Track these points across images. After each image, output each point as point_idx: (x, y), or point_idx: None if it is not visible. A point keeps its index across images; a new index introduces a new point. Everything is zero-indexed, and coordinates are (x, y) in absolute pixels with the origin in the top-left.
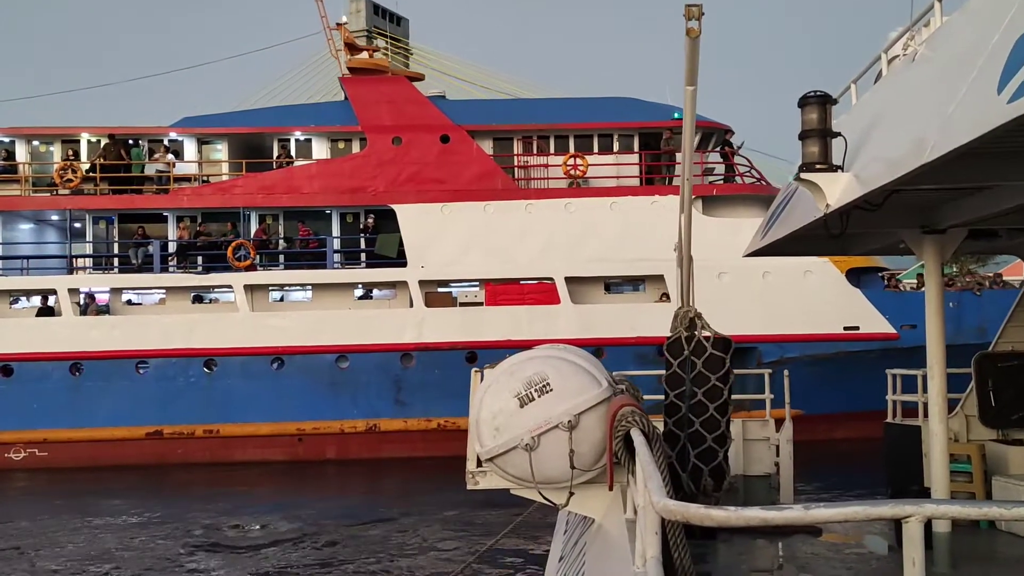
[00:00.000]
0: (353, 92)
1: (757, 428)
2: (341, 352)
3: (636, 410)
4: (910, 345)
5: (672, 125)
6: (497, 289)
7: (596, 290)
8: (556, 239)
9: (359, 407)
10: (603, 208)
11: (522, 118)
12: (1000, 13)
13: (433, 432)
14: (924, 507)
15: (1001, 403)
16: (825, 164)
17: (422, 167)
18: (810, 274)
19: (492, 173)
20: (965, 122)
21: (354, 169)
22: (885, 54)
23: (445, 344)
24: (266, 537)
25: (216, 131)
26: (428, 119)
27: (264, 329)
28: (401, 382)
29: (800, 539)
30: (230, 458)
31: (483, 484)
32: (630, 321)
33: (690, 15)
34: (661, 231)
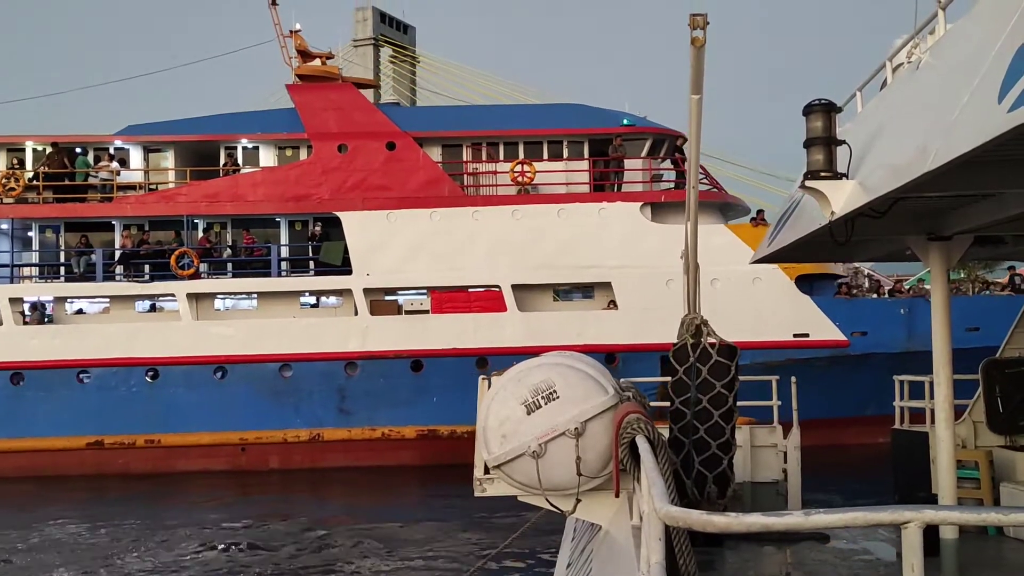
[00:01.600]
0: (299, 99)
1: (764, 435)
2: (284, 361)
3: (641, 417)
4: (860, 352)
5: (621, 131)
6: (443, 297)
7: (545, 297)
8: (503, 246)
9: (302, 416)
10: (550, 215)
11: (471, 125)
12: (1002, 22)
13: (377, 441)
14: (923, 513)
15: (1009, 409)
16: (830, 172)
17: (368, 174)
18: (759, 281)
19: (439, 180)
20: (966, 131)
21: (299, 177)
22: (890, 62)
23: (390, 353)
24: (212, 549)
25: (162, 139)
26: (374, 126)
27: (207, 338)
28: (345, 391)
29: (807, 546)
30: (172, 468)
31: (490, 491)
32: (577, 328)
33: (695, 24)
34: (608, 238)
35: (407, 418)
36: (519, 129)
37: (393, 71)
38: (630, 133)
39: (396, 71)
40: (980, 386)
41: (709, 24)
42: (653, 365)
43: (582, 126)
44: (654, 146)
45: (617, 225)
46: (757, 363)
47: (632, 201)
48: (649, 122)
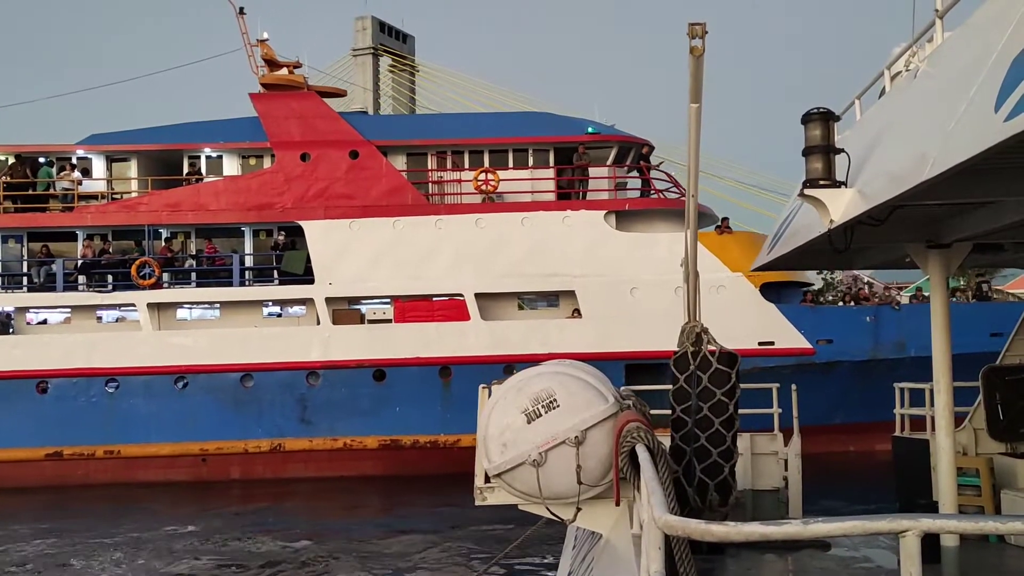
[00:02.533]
0: (262, 108)
1: (765, 442)
2: (246, 370)
3: (642, 425)
4: (826, 360)
5: (586, 139)
6: (406, 306)
7: (510, 306)
8: (466, 255)
9: (264, 426)
10: (514, 223)
11: (436, 133)
12: (999, 31)
13: (339, 451)
14: (921, 521)
15: (1009, 416)
16: (829, 180)
17: (330, 183)
18: (723, 289)
19: (402, 189)
20: (964, 139)
21: (261, 185)
22: (888, 70)
23: (352, 362)
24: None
25: (125, 148)
26: (337, 135)
27: (168, 348)
28: (306, 401)
29: (809, 553)
30: (132, 479)
31: (491, 500)
32: (541, 337)
33: (693, 33)
34: (572, 247)
35: (369, 428)
36: (484, 137)
37: (392, 80)
38: (595, 141)
39: (395, 80)
40: (980, 393)
41: (708, 33)
42: (618, 374)
43: (547, 134)
44: (620, 154)
45: (581, 233)
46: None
47: (596, 209)
48: (615, 130)
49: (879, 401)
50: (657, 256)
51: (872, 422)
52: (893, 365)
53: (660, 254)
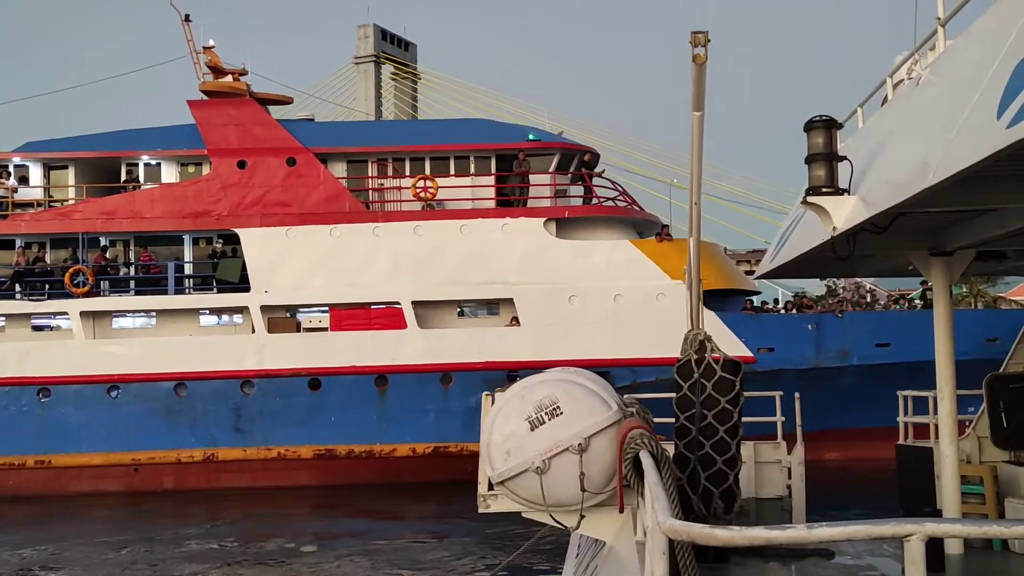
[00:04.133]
0: (200, 115)
1: (769, 450)
2: (179, 379)
3: (645, 432)
4: (767, 368)
5: (527, 146)
6: (343, 314)
7: (450, 314)
8: (404, 263)
9: (197, 436)
10: (453, 231)
11: (377, 140)
12: (1001, 38)
13: (273, 461)
14: (925, 526)
15: (1013, 424)
16: (832, 187)
17: (267, 190)
18: (663, 296)
19: (339, 196)
20: (966, 146)
21: (197, 193)
22: (890, 78)
23: (286, 371)
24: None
25: (63, 155)
26: (274, 142)
27: (100, 356)
28: (240, 410)
29: (812, 562)
30: (64, 490)
31: (495, 507)
32: (478, 345)
33: (696, 42)
34: (511, 254)
35: (304, 437)
36: (425, 144)
37: (394, 88)
38: (537, 148)
39: (397, 88)
40: (984, 401)
41: (710, 42)
42: None
43: (488, 141)
44: (563, 161)
45: (520, 241)
46: (662, 380)
47: (536, 217)
48: (559, 137)
49: (823, 410)
50: (596, 264)
51: (817, 431)
52: (836, 373)
53: (599, 262)
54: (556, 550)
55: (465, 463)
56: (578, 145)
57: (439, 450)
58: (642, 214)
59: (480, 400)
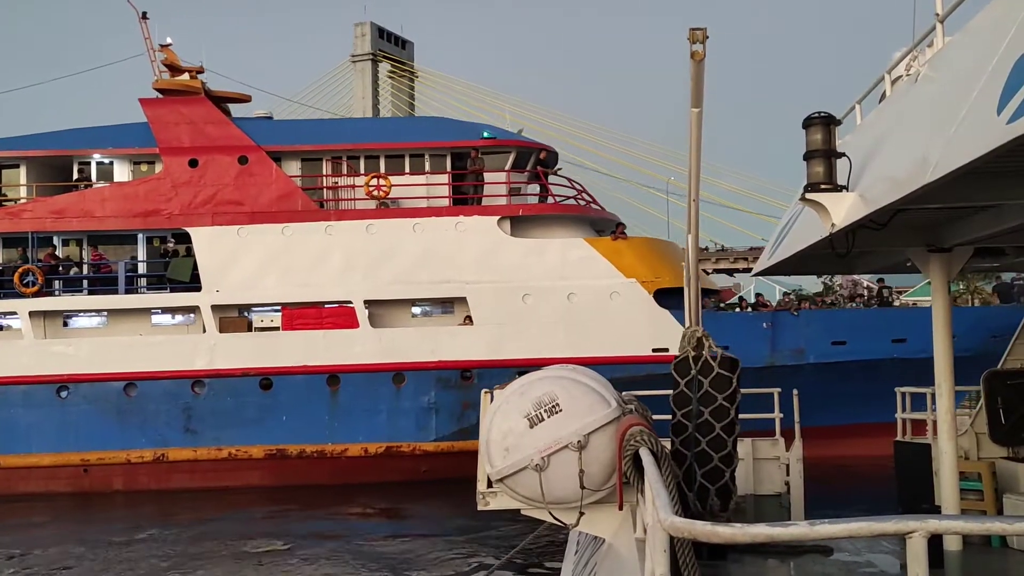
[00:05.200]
0: (151, 113)
1: (767, 447)
2: (129, 379)
3: (645, 430)
4: None
5: (482, 144)
6: (294, 313)
7: (403, 313)
8: (356, 261)
9: (147, 436)
10: (406, 230)
11: (331, 138)
12: (1000, 34)
13: (224, 461)
14: (928, 522)
15: (1011, 421)
16: (830, 184)
17: (219, 189)
18: (617, 295)
19: (292, 195)
20: (966, 142)
21: (148, 192)
22: (888, 74)
23: (237, 371)
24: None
25: (13, 154)
26: (226, 140)
27: (49, 357)
28: (191, 410)
29: (811, 558)
30: (12, 491)
31: (494, 504)
32: (431, 345)
33: (694, 38)
34: (465, 253)
35: (255, 438)
36: (380, 143)
37: (391, 86)
38: (493, 146)
39: (394, 86)
40: (982, 398)
41: (708, 38)
42: (509, 381)
43: (443, 139)
44: (518, 159)
45: (474, 239)
46: (615, 378)
47: (490, 215)
48: (513, 135)
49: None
50: (550, 262)
51: (771, 430)
52: (792, 372)
53: (553, 260)
54: (550, 548)
55: (418, 463)
56: (534, 143)
57: (391, 450)
58: (601, 212)
59: (431, 399)
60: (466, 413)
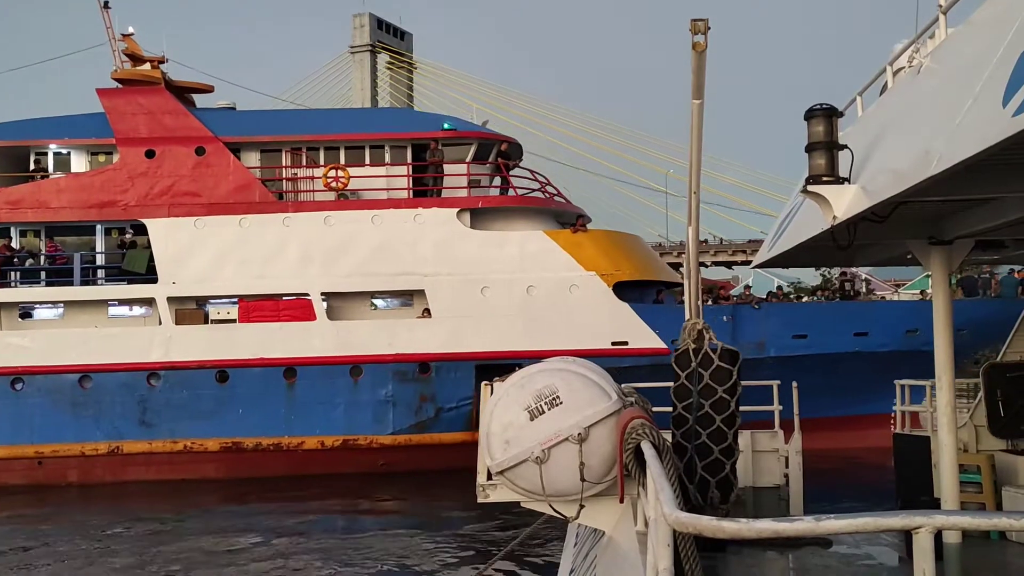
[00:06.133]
0: (108, 103)
1: (766, 440)
2: (84, 372)
3: (646, 422)
4: None
5: (442, 136)
6: (251, 306)
7: (362, 306)
8: (314, 253)
9: (102, 429)
10: (364, 222)
11: (291, 129)
12: (1005, 26)
13: (179, 454)
14: (935, 518)
15: (1010, 413)
16: (832, 176)
17: (176, 180)
18: (576, 288)
19: (249, 186)
20: (971, 135)
21: (104, 183)
22: (890, 66)
23: (193, 363)
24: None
25: None
26: (184, 131)
27: (4, 349)
28: (147, 402)
29: (810, 551)
30: None
31: (494, 497)
32: (388, 338)
33: (696, 29)
34: (423, 245)
35: (210, 430)
36: (340, 134)
37: (390, 78)
38: (454, 138)
39: (393, 78)
40: (981, 390)
41: (710, 29)
42: (468, 374)
43: (404, 130)
44: (479, 151)
45: (432, 231)
46: None
47: (449, 207)
48: (474, 127)
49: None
50: (509, 255)
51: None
52: (752, 366)
53: (512, 253)
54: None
55: (375, 455)
56: (496, 135)
57: (348, 443)
58: (564, 205)
59: (389, 393)
60: (424, 406)
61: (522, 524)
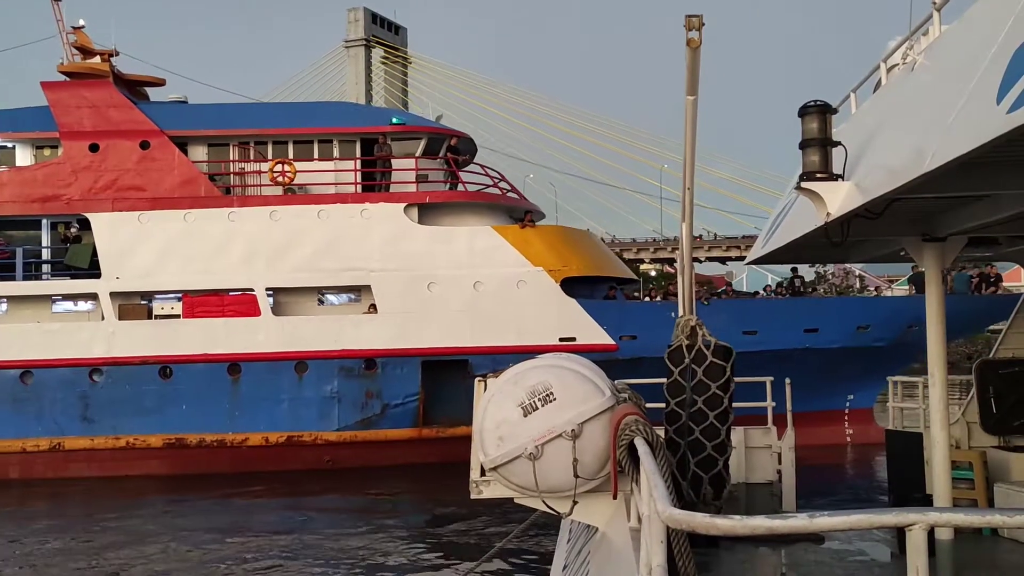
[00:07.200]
0: (52, 97)
1: (759, 436)
2: (25, 367)
3: (640, 419)
4: (629, 356)
5: (390, 130)
6: (195, 301)
7: (309, 302)
8: (259, 249)
9: (44, 425)
10: (310, 217)
11: (239, 123)
12: (999, 23)
13: (122, 450)
14: (928, 515)
15: (1002, 410)
16: (826, 173)
17: (120, 174)
18: (524, 284)
19: (194, 180)
20: (965, 131)
21: (47, 177)
22: (884, 63)
23: (136, 359)
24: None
25: None
26: (128, 124)
27: None
28: (89, 398)
29: (803, 547)
30: None
31: (487, 493)
32: (334, 334)
33: (690, 25)
34: (370, 240)
35: (154, 426)
36: (288, 128)
37: (385, 72)
38: (403, 132)
39: (388, 72)
40: (974, 387)
41: (704, 25)
42: (414, 371)
43: (352, 125)
44: (430, 146)
45: (379, 226)
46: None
47: (396, 202)
48: (424, 121)
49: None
50: (456, 250)
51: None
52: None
53: (460, 248)
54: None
55: (320, 452)
56: (447, 129)
57: (293, 439)
58: (517, 201)
59: (334, 389)
60: (370, 403)
61: (471, 516)
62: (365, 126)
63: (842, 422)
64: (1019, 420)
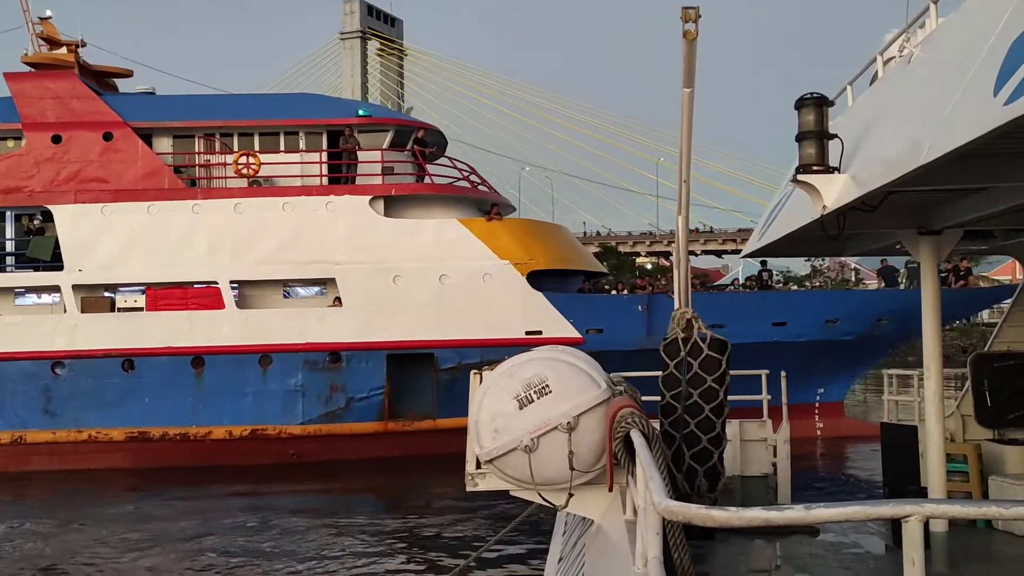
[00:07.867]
0: (15, 87)
1: (754, 429)
2: None
3: (635, 411)
4: (596, 349)
5: (357, 122)
6: (158, 294)
7: (274, 294)
8: (223, 241)
9: (5, 418)
10: (275, 209)
11: (204, 115)
12: (996, 15)
13: (84, 444)
14: (924, 507)
15: (997, 403)
16: (822, 166)
17: (83, 166)
18: (490, 277)
19: (158, 172)
20: (962, 123)
21: (8, 168)
22: (881, 56)
23: (99, 352)
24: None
25: None
26: (92, 116)
27: None
28: (51, 391)
29: (798, 539)
30: None
31: (483, 485)
32: (298, 327)
33: (687, 17)
34: (335, 233)
35: (116, 419)
36: (254, 119)
37: (380, 64)
38: (369, 124)
39: (383, 64)
40: (968, 380)
41: (701, 17)
42: (379, 364)
43: (319, 116)
44: (397, 138)
45: (344, 219)
46: (488, 361)
47: (361, 195)
48: (392, 113)
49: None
50: (422, 243)
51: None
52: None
53: (425, 241)
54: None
55: (284, 446)
56: (414, 122)
57: (256, 433)
58: (485, 194)
59: (299, 382)
60: (334, 396)
61: (441, 512)
62: (331, 118)
63: (812, 416)
64: (1014, 413)
